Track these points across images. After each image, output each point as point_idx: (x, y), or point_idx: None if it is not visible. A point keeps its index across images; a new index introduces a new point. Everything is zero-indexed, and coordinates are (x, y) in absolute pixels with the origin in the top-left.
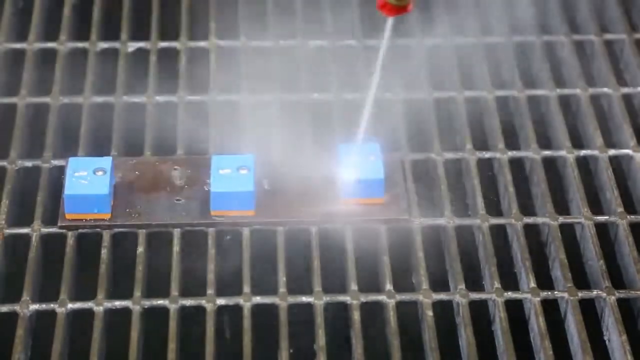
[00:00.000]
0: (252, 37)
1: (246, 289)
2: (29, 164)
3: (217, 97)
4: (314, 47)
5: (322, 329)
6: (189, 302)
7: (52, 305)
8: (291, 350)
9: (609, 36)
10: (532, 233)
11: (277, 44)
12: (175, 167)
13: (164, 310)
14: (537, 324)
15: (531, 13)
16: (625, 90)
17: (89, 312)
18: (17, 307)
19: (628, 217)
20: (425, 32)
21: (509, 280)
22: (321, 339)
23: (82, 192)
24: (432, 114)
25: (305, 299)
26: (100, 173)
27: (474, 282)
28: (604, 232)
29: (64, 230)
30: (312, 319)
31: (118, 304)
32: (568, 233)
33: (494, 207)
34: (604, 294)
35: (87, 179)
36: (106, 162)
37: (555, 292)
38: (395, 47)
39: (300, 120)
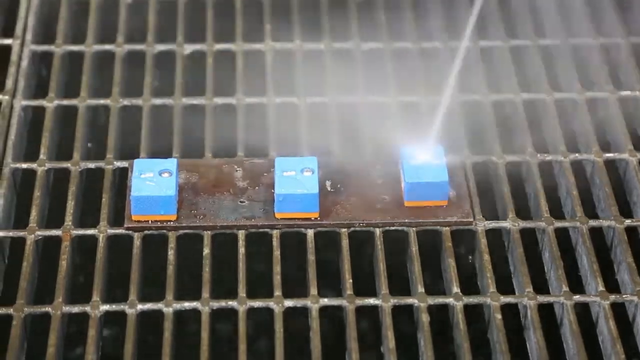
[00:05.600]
0: (307, 39)
1: (313, 291)
2: (92, 165)
3: (275, 99)
4: (369, 50)
5: (390, 331)
6: (257, 303)
7: (121, 306)
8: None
9: None
10: (595, 236)
11: (332, 46)
12: (237, 168)
13: (233, 312)
14: (607, 328)
15: (586, 15)
16: None
17: (159, 313)
18: (87, 308)
19: None
20: (480, 35)
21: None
22: (390, 342)
23: (149, 194)
24: (492, 116)
25: (372, 301)
26: (166, 174)
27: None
28: None
29: (130, 232)
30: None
31: (187, 305)
32: (631, 236)
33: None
34: None
35: (154, 181)
36: (171, 163)
37: (624, 296)
38: (451, 49)
39: (359, 122)
